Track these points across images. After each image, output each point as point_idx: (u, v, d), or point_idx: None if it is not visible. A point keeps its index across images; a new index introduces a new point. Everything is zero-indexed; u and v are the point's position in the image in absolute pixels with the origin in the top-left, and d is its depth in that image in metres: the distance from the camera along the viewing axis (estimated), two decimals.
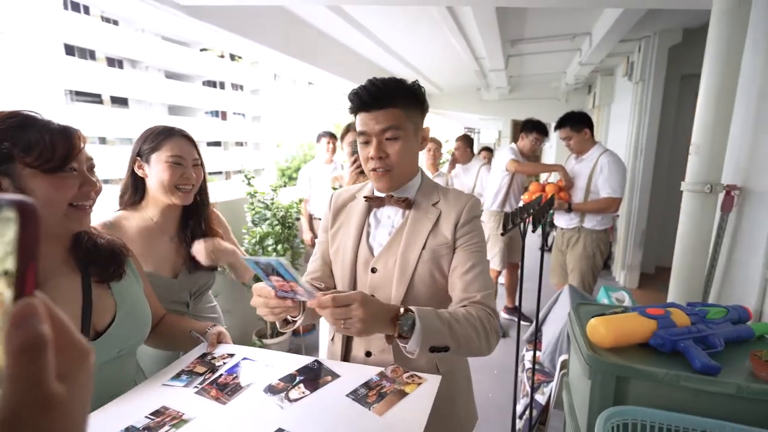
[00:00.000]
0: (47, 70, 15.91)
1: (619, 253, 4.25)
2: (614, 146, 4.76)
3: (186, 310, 1.14)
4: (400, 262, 0.89)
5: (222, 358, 0.89)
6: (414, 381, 0.80)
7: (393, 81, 0.87)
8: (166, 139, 1.08)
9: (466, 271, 0.87)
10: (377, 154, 0.86)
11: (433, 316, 0.74)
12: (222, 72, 24.46)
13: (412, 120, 0.89)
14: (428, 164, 3.43)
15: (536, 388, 1.63)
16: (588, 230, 2.41)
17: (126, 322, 0.82)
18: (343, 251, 0.96)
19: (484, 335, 0.80)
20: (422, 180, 0.97)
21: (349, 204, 1.01)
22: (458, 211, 0.90)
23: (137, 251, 1.07)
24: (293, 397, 0.74)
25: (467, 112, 7.27)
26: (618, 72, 4.78)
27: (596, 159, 2.37)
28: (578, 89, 6.11)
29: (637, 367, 0.81)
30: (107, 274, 0.82)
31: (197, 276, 1.16)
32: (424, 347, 0.72)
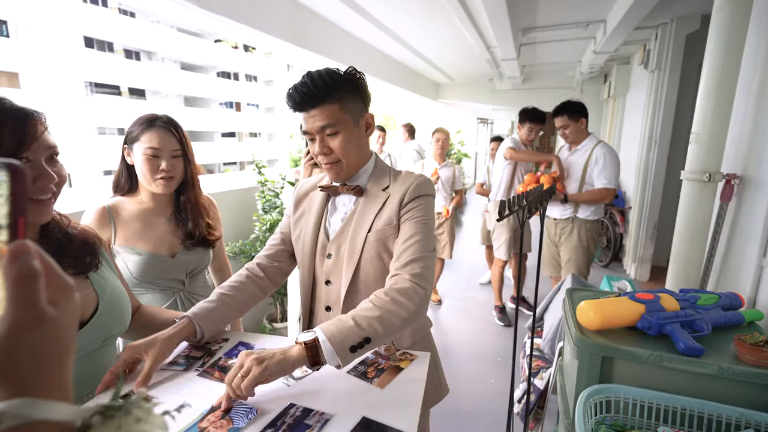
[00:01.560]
0: (68, 62, 16.27)
1: (630, 246, 4.20)
2: (629, 137, 4.70)
3: (182, 288, 1.19)
4: (349, 246, 0.94)
5: (217, 342, 0.91)
6: (407, 357, 0.85)
7: (324, 75, 0.86)
8: (145, 130, 1.10)
9: (403, 242, 0.88)
10: (321, 151, 0.90)
11: (336, 323, 0.74)
12: (236, 63, 24.55)
13: (350, 111, 0.90)
14: (435, 154, 3.44)
15: (536, 373, 1.66)
16: (582, 220, 2.43)
17: (109, 310, 0.82)
18: (303, 237, 1.01)
19: (400, 308, 0.78)
20: (375, 165, 1.00)
21: (311, 193, 1.06)
22: (403, 192, 0.92)
23: (135, 232, 1.13)
24: (297, 376, 0.78)
25: (479, 103, 7.19)
26: (634, 60, 4.67)
27: (591, 150, 2.38)
28: (593, 78, 5.98)
29: (621, 347, 0.83)
30: (83, 266, 0.80)
31: (194, 254, 1.21)
32: (343, 354, 0.71)
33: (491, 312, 3.24)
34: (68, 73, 16.33)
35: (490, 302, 3.39)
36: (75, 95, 16.72)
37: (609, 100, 5.61)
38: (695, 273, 1.32)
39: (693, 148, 1.31)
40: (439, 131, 3.43)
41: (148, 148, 1.10)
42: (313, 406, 0.69)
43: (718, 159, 1.27)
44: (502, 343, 2.82)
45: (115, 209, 1.14)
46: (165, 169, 1.11)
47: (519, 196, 1.21)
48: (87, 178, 17.86)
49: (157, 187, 1.13)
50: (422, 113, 10.12)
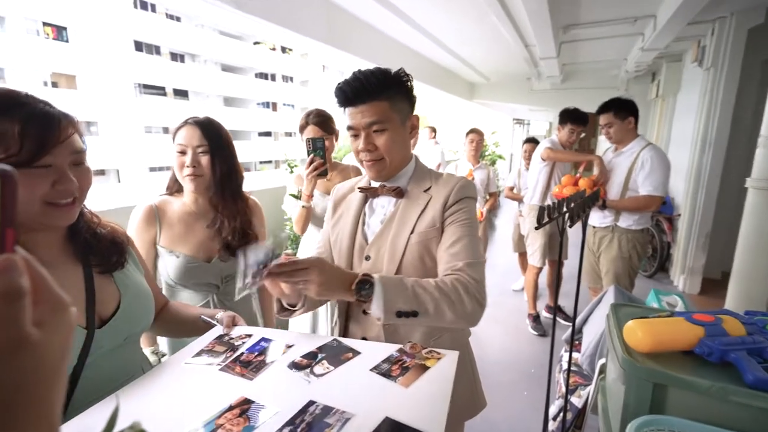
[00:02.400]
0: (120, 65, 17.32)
1: (678, 256, 3.92)
2: (679, 140, 4.40)
3: (216, 291, 1.20)
4: (390, 248, 0.92)
5: (240, 338, 0.90)
6: (433, 356, 0.80)
7: (377, 73, 0.87)
8: (178, 129, 1.15)
9: (451, 244, 0.88)
10: (366, 147, 0.89)
11: (396, 281, 0.77)
12: (273, 64, 25.32)
13: (398, 110, 0.90)
14: (469, 155, 3.36)
15: (573, 390, 1.56)
16: (623, 230, 2.24)
17: (131, 308, 0.81)
18: (340, 240, 1.00)
19: (459, 302, 0.79)
20: (416, 167, 0.99)
21: (349, 196, 1.05)
22: (446, 194, 0.92)
23: (177, 234, 1.15)
24: (318, 372, 0.76)
25: (515, 103, 6.98)
26: (687, 58, 4.36)
27: (637, 153, 2.18)
28: (639, 77, 5.64)
29: (677, 375, 0.75)
30: (109, 265, 0.80)
31: (229, 264, 1.20)
32: (388, 311, 0.74)
33: (524, 320, 3.12)
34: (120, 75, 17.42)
35: (522, 309, 3.27)
36: (125, 96, 17.80)
37: (657, 101, 5.28)
38: (761, 290, 1.19)
39: (761, 152, 1.18)
40: (474, 132, 3.35)
41: (177, 145, 1.14)
42: (334, 404, 0.66)
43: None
44: (535, 354, 2.70)
45: (162, 209, 1.17)
46: (189, 165, 1.12)
47: (560, 202, 1.14)
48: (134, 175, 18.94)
49: (186, 184, 1.15)
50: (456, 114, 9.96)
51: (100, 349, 0.74)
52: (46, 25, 16.48)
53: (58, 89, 16.37)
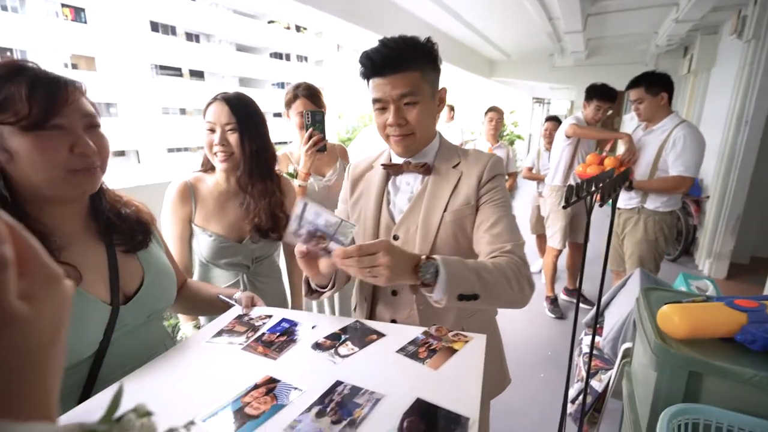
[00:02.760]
0: (137, 46, 17.39)
1: (705, 240, 3.78)
2: (711, 119, 4.17)
3: (247, 271, 1.20)
4: (422, 226, 0.88)
5: (260, 318, 0.89)
6: (460, 339, 0.78)
7: (407, 40, 0.82)
8: (207, 106, 1.11)
9: (492, 225, 0.84)
10: (396, 121, 0.83)
11: (459, 263, 0.72)
12: (288, 44, 25.03)
13: (429, 81, 0.85)
14: (488, 135, 3.26)
15: (593, 374, 1.53)
16: (650, 211, 2.12)
17: (154, 285, 0.81)
18: (364, 220, 0.95)
19: (517, 284, 0.76)
20: (440, 143, 0.94)
21: (367, 173, 0.99)
22: (480, 171, 0.88)
23: (210, 212, 1.14)
24: (343, 353, 0.75)
25: (536, 81, 6.74)
26: (724, 30, 4.08)
27: (670, 131, 2.04)
28: (670, 52, 5.33)
29: (717, 363, 0.71)
30: (133, 244, 0.79)
31: (260, 245, 1.19)
32: (451, 295, 0.70)
33: (541, 302, 3.08)
34: (137, 56, 17.51)
35: (540, 292, 3.22)
36: (143, 77, 17.94)
37: (688, 77, 5.00)
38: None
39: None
40: (493, 110, 3.24)
41: (206, 122, 1.10)
42: (362, 384, 0.65)
43: None
44: (552, 337, 2.67)
45: (196, 186, 1.15)
46: (217, 143, 1.09)
47: (589, 181, 1.08)
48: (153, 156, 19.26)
49: (216, 163, 1.13)
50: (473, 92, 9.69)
51: (124, 326, 0.74)
52: (65, 7, 16.59)
53: (78, 71, 16.59)
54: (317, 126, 1.48)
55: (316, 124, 1.48)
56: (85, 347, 0.69)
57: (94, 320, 0.70)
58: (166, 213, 1.13)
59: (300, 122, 1.62)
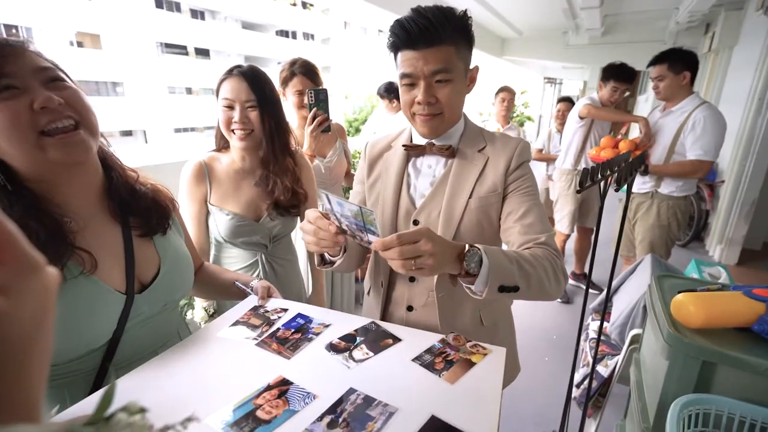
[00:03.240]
0: (141, 23, 17.15)
1: (717, 225, 3.71)
2: (730, 99, 4.03)
3: (265, 251, 1.19)
4: (445, 212, 0.85)
5: (276, 312, 0.87)
6: (479, 351, 0.75)
7: (445, 11, 0.75)
8: (223, 81, 1.07)
9: (523, 215, 0.81)
10: (426, 99, 0.78)
11: (500, 254, 0.69)
12: (294, 21, 24.50)
13: (462, 59, 0.79)
14: (499, 116, 3.18)
15: (599, 359, 1.52)
16: (664, 196, 2.07)
17: (171, 275, 0.77)
18: (382, 203, 0.91)
19: (554, 276, 0.74)
20: (466, 125, 0.89)
21: (386, 154, 0.95)
22: (508, 157, 0.84)
23: (226, 192, 1.13)
24: (358, 358, 0.73)
25: (549, 60, 6.53)
26: (750, 5, 3.88)
27: (689, 112, 1.95)
28: (691, 29, 5.11)
29: (731, 354, 0.69)
30: (149, 227, 0.75)
31: (278, 222, 1.18)
32: (493, 286, 0.66)
33: None
34: (142, 34, 17.29)
35: None
36: (149, 56, 17.76)
37: (709, 55, 4.80)
38: None
39: None
40: (505, 90, 3.15)
41: (223, 99, 1.06)
42: (375, 394, 0.63)
43: None
44: (557, 321, 2.67)
45: (210, 166, 1.13)
46: (237, 120, 1.05)
47: (603, 165, 1.04)
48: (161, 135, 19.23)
49: (234, 141, 1.09)
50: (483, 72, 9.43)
51: (139, 316, 0.72)
52: None
53: (83, 49, 16.46)
54: (321, 105, 1.43)
55: (320, 104, 1.42)
56: (98, 337, 0.67)
57: (107, 310, 0.67)
58: (182, 193, 1.12)
59: (298, 101, 1.56)
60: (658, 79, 2.03)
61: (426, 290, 0.90)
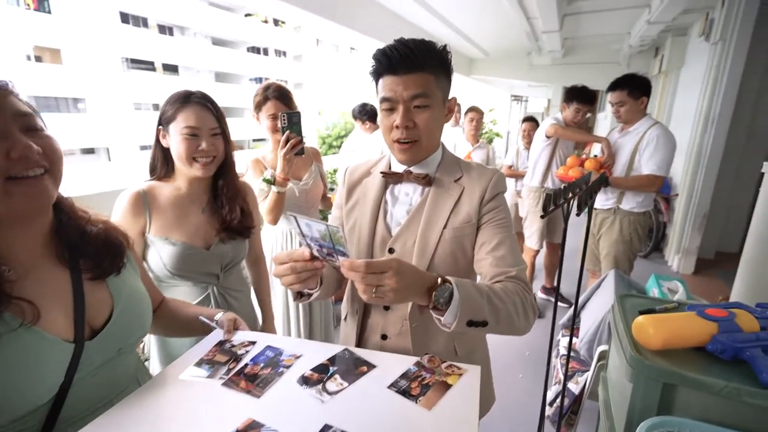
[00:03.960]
0: (106, 38, 16.68)
1: (674, 237, 3.91)
2: (680, 117, 4.31)
3: (216, 282, 1.13)
4: (420, 241, 0.85)
5: (243, 346, 0.83)
6: (454, 372, 0.75)
7: (424, 43, 0.78)
8: (181, 108, 1.02)
9: (495, 246, 0.81)
10: (404, 123, 0.79)
11: (471, 288, 0.69)
12: (265, 38, 24.52)
13: (441, 88, 0.82)
14: (468, 135, 3.27)
15: (570, 376, 1.55)
16: (625, 212, 2.19)
17: (125, 317, 0.72)
18: (359, 230, 0.91)
19: (523, 312, 0.74)
20: (443, 154, 0.91)
21: (364, 180, 0.95)
22: (483, 188, 0.85)
23: (170, 221, 1.06)
24: (332, 390, 0.70)
25: (515, 79, 6.81)
26: (693, 31, 4.21)
27: (644, 132, 2.11)
28: (643, 52, 5.49)
29: (689, 375, 0.71)
30: (100, 270, 0.70)
31: (229, 247, 1.14)
32: (462, 320, 0.66)
33: None
34: (106, 49, 16.79)
35: None
36: (113, 71, 17.23)
37: (659, 76, 5.15)
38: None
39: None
40: (473, 110, 3.25)
41: (186, 127, 1.01)
42: (352, 428, 0.61)
43: None
44: (530, 336, 2.65)
45: (151, 195, 1.06)
46: (205, 149, 1.03)
47: (566, 188, 1.08)
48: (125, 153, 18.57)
49: (196, 170, 1.05)
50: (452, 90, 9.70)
51: (90, 365, 0.66)
52: None
53: (42, 64, 15.78)
54: (294, 128, 1.42)
55: (293, 126, 1.42)
56: (42, 393, 0.61)
57: (53, 362, 0.61)
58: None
59: (272, 125, 1.56)
60: (618, 104, 2.16)
61: (400, 319, 0.89)
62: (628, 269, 2.24)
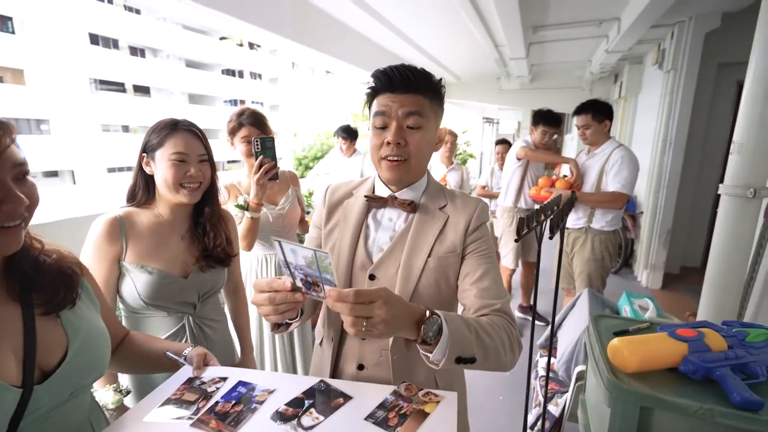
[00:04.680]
0: (73, 59, 16.28)
1: (642, 253, 4.07)
2: (640, 139, 4.56)
3: (192, 312, 1.09)
4: (403, 269, 0.82)
5: (213, 382, 0.79)
6: (431, 399, 0.73)
7: (423, 71, 0.81)
8: (169, 135, 1.02)
9: (480, 278, 0.81)
10: (396, 140, 0.79)
11: (460, 322, 0.67)
12: (241, 61, 24.60)
13: (435, 114, 0.83)
14: (443, 157, 3.33)
15: (550, 398, 1.55)
16: (596, 231, 2.28)
17: (81, 357, 0.67)
18: (338, 253, 0.88)
19: (510, 347, 0.73)
20: (428, 182, 0.90)
21: (346, 201, 0.93)
22: (467, 217, 0.84)
23: (147, 248, 1.03)
24: (307, 425, 0.67)
25: (486, 102, 7.05)
26: (647, 60, 4.51)
27: (609, 154, 2.23)
28: (603, 78, 5.83)
29: (664, 398, 0.72)
30: (54, 303, 0.66)
31: (208, 276, 1.11)
32: (451, 357, 0.64)
33: None
34: (73, 70, 16.38)
35: None
36: (79, 92, 16.75)
37: (620, 101, 5.46)
38: (733, 300, 1.20)
39: (735, 159, 1.18)
40: (448, 133, 3.32)
41: (174, 153, 1.01)
42: None
43: (764, 172, 1.14)
44: None
45: (128, 220, 1.03)
46: (193, 174, 1.02)
47: (538, 211, 1.10)
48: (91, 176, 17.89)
49: (183, 196, 1.03)
50: None
51: (38, 410, 0.61)
52: None
53: (3, 84, 15.17)
54: (267, 153, 1.41)
55: (266, 151, 1.41)
56: None
57: None
58: (88, 252, 0.99)
59: (247, 150, 1.55)
60: (584, 127, 2.28)
61: (379, 349, 0.86)
62: (602, 286, 2.30)
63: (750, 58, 1.15)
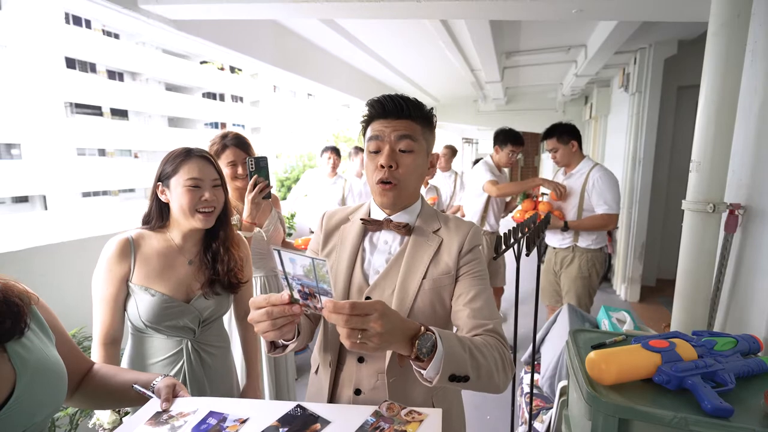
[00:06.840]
0: (48, 82, 16.00)
1: (619, 267, 4.18)
2: (612, 157, 4.76)
3: (192, 336, 1.09)
4: (399, 291, 0.84)
5: (182, 415, 0.76)
6: (414, 419, 0.72)
7: (416, 101, 0.85)
8: (183, 162, 1.05)
9: (473, 298, 0.82)
10: (388, 162, 0.82)
11: (454, 340, 0.67)
12: (222, 84, 24.63)
13: (426, 140, 0.87)
14: (440, 167, 3.41)
15: (535, 415, 1.55)
16: (582, 249, 2.31)
17: (31, 392, 0.62)
18: (335, 276, 0.90)
19: (503, 368, 0.73)
20: (422, 206, 0.93)
21: (343, 226, 0.95)
22: (461, 240, 0.87)
23: (154, 271, 1.05)
24: None
25: (464, 124, 7.25)
26: (614, 83, 4.77)
27: (587, 174, 2.28)
28: (575, 100, 6.10)
29: (641, 408, 0.74)
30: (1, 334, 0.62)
31: (212, 302, 1.11)
32: (444, 374, 0.64)
33: None
34: (47, 94, 16.06)
35: None
36: (54, 116, 16.40)
37: (591, 121, 5.72)
38: (702, 311, 1.25)
39: (694, 177, 1.26)
40: (447, 147, 3.43)
41: (189, 179, 1.04)
42: None
43: (721, 188, 1.22)
44: None
45: (138, 243, 1.06)
46: (208, 199, 1.05)
47: (515, 229, 1.14)
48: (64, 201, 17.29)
49: (198, 221, 1.06)
50: None
51: None
52: None
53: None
54: (261, 172, 1.44)
55: (260, 170, 1.44)
56: None
57: None
58: (100, 272, 1.03)
59: (231, 172, 1.57)
60: (553, 150, 2.36)
61: (375, 372, 0.85)
62: (589, 304, 2.33)
63: (701, 83, 1.24)
